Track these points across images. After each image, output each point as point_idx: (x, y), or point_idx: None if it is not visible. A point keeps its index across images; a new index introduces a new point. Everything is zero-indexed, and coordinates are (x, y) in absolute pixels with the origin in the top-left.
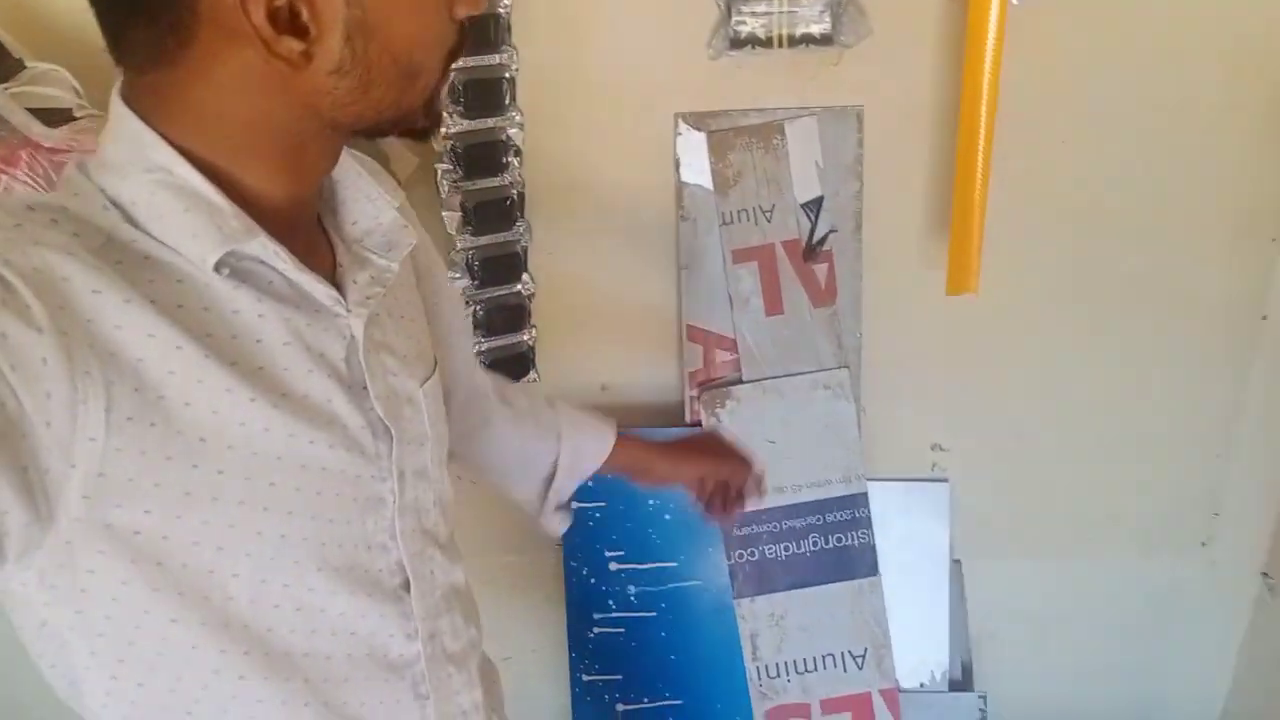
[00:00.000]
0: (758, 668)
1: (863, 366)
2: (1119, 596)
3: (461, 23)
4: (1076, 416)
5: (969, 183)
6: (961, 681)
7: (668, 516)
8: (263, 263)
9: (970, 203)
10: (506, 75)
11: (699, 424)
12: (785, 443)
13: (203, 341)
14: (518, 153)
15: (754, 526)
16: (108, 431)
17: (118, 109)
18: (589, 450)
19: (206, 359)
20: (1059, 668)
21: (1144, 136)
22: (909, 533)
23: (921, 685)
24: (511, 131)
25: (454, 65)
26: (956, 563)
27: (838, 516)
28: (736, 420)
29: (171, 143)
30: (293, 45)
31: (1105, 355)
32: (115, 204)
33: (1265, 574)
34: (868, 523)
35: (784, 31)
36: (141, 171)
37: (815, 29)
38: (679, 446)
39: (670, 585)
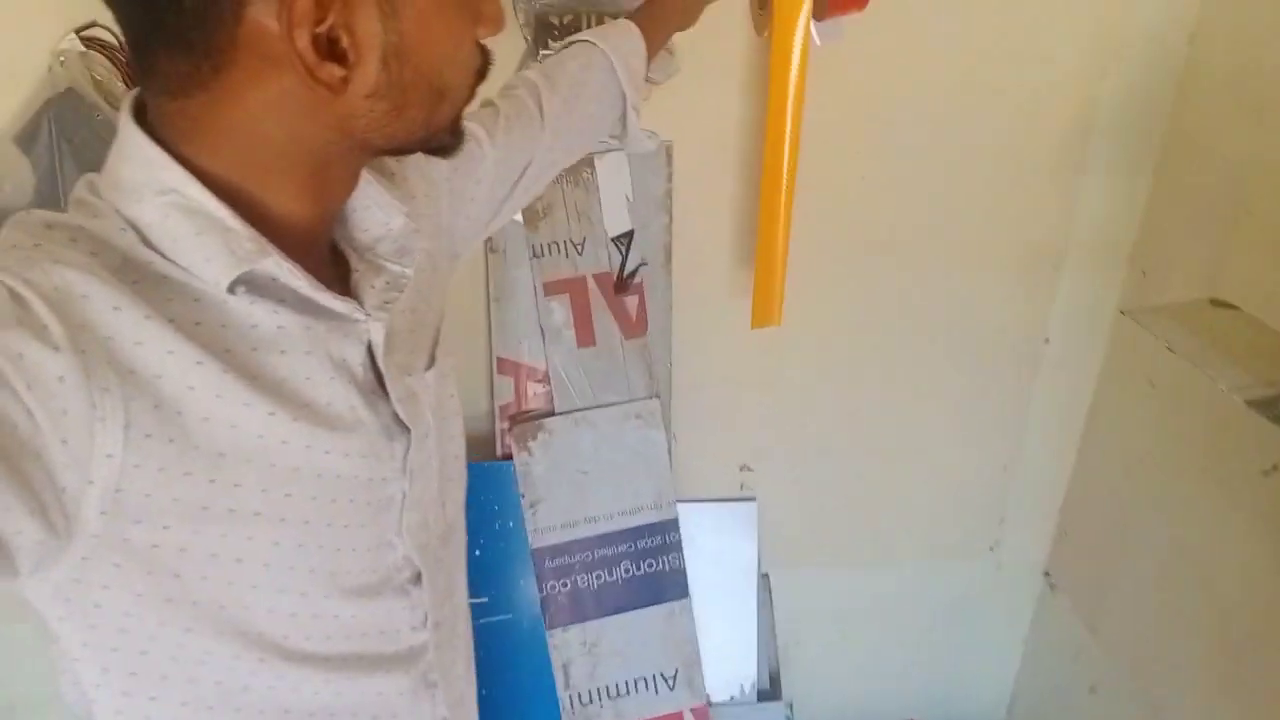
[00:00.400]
0: (570, 696)
1: (673, 394)
2: (915, 599)
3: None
4: (873, 434)
5: (772, 221)
6: (770, 691)
7: (477, 552)
8: (277, 280)
9: (773, 239)
10: None
11: (509, 458)
12: (597, 472)
13: (222, 357)
14: None
15: (566, 557)
16: (125, 448)
17: (127, 128)
18: (631, 50)
19: (225, 374)
20: (861, 670)
21: (938, 173)
22: (719, 550)
23: (731, 698)
24: None
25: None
26: (765, 576)
27: (649, 543)
28: (549, 453)
29: (190, 164)
30: (334, 71)
31: (901, 378)
32: (132, 226)
33: (1046, 573)
34: (678, 546)
35: None
36: (154, 194)
37: None
38: None
39: (481, 620)
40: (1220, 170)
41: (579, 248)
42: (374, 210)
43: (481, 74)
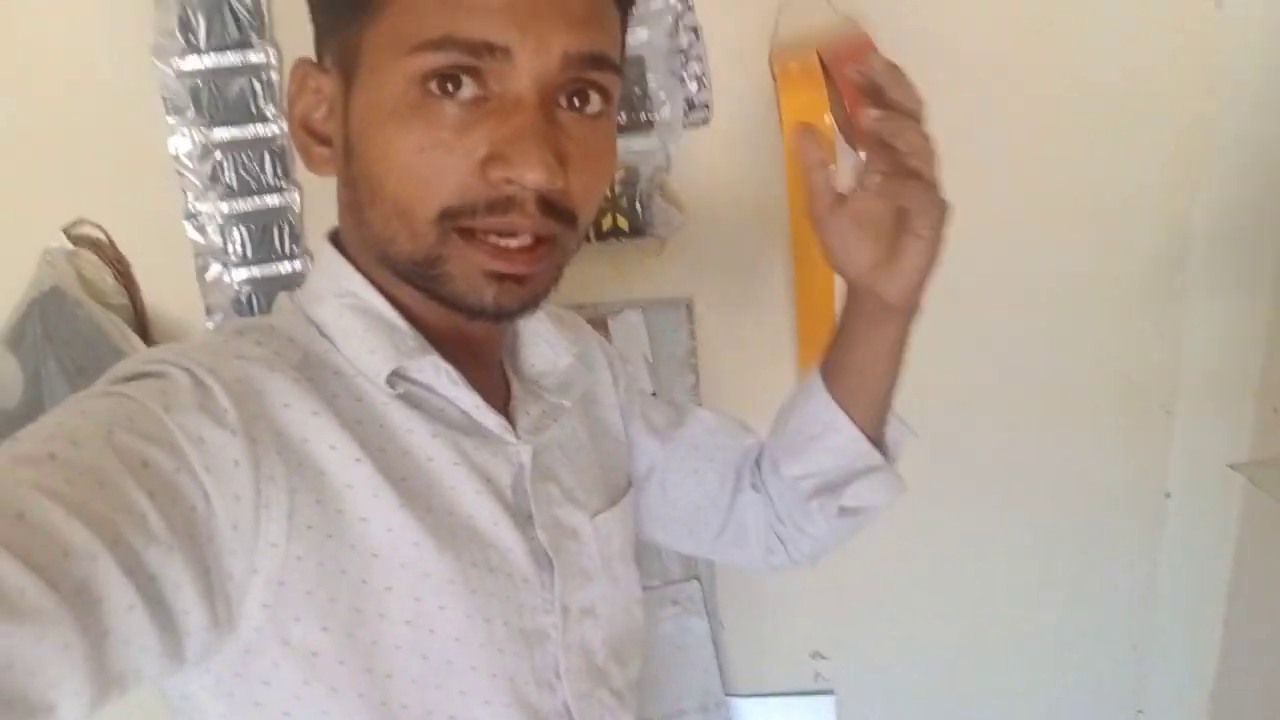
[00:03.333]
0: None
1: (717, 574)
2: None
3: (506, 187)
4: (974, 614)
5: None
6: None
7: None
8: (436, 392)
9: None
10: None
11: None
12: None
13: (378, 457)
14: None
15: None
16: (289, 538)
17: (323, 243)
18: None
19: (379, 474)
20: None
21: (1021, 316)
22: None
23: None
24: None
25: (478, 228)
26: None
27: None
28: None
29: (366, 274)
30: (313, 146)
31: (1001, 546)
32: (313, 323)
33: None
34: None
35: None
36: (334, 296)
37: (623, 222)
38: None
39: None
40: None
41: None
42: (543, 346)
43: (474, 216)
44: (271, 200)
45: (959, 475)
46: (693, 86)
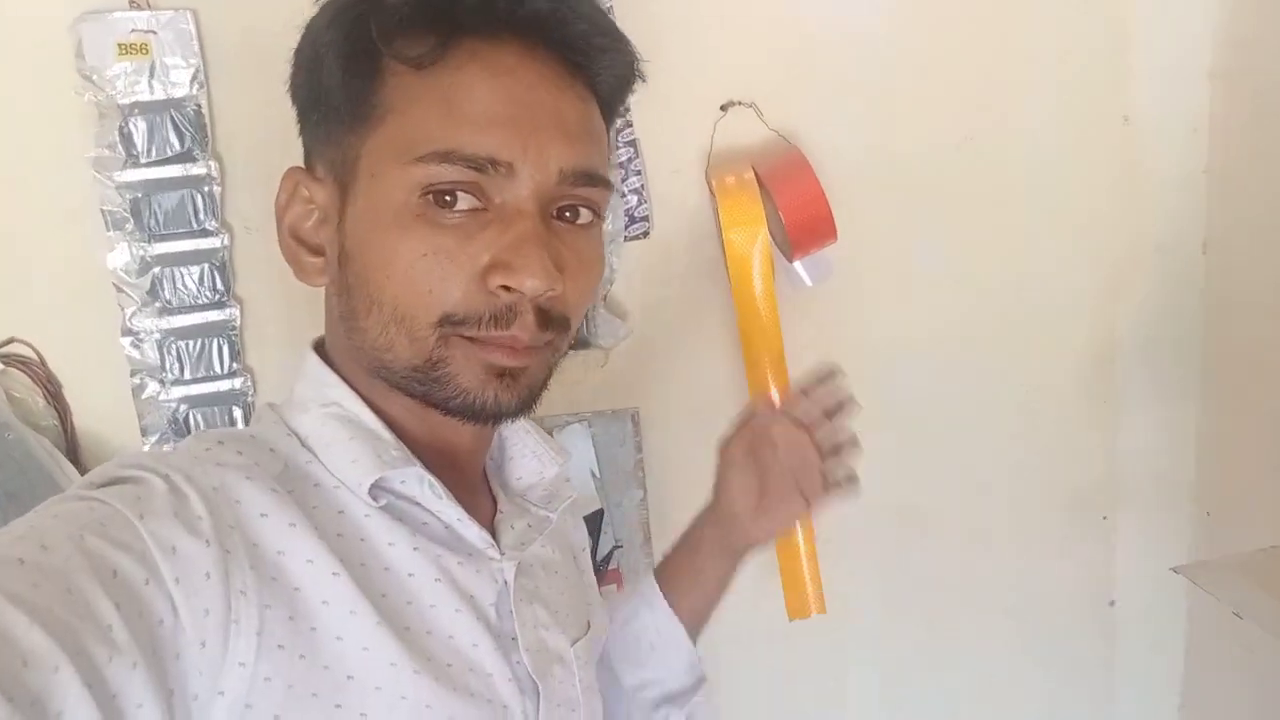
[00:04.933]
0: None
1: None
2: None
3: (506, 296)
4: None
5: None
6: None
7: None
8: (419, 504)
9: None
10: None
11: None
12: None
13: (356, 571)
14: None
15: None
16: (258, 658)
17: (307, 353)
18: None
19: (358, 589)
20: None
21: (958, 430)
22: None
23: None
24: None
25: (475, 336)
26: None
27: None
28: None
29: (351, 384)
30: (305, 256)
31: (955, 661)
32: (295, 433)
33: None
34: None
35: None
36: (318, 406)
37: None
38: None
39: None
40: (1274, 387)
41: None
42: (530, 460)
43: (476, 324)
44: (212, 315)
45: (911, 592)
46: (633, 199)
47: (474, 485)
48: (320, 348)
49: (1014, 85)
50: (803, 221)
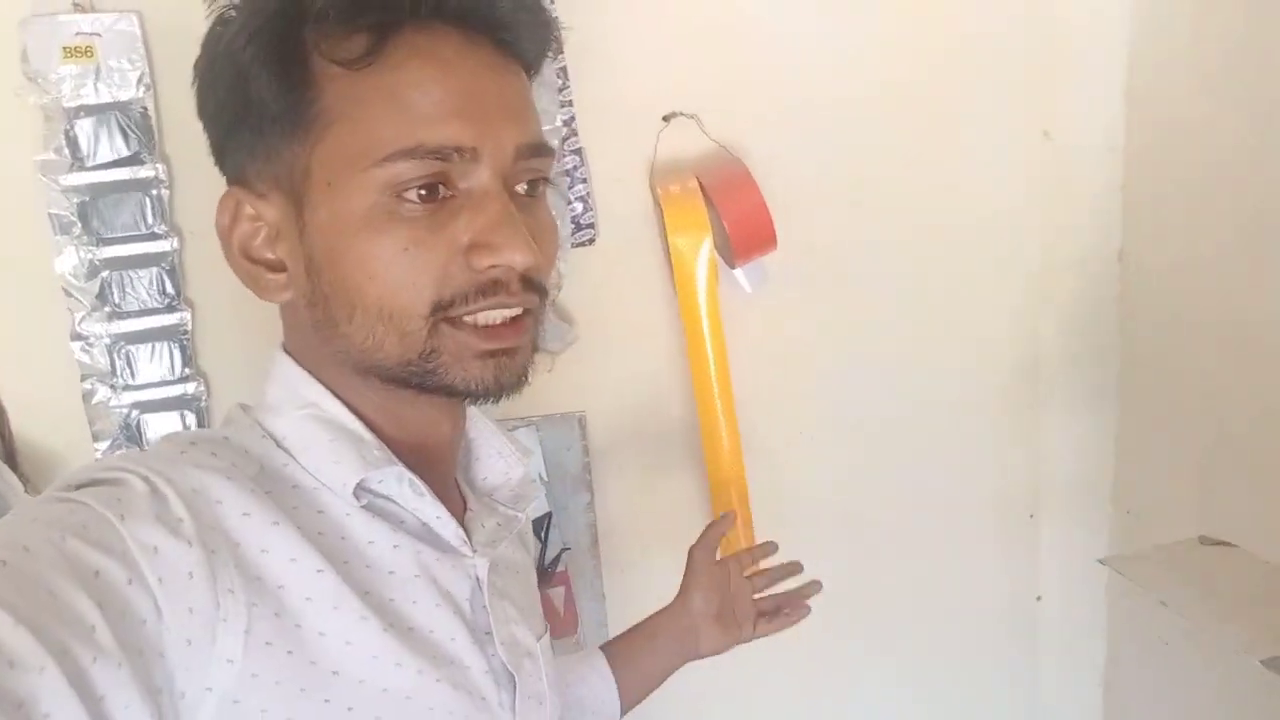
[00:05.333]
0: None
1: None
2: None
3: (491, 272)
4: None
5: (716, 457)
6: None
7: None
8: (396, 503)
9: (725, 489)
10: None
11: None
12: None
13: (340, 568)
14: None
15: None
16: (245, 654)
17: (277, 355)
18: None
19: (342, 586)
20: None
21: (890, 435)
22: None
23: None
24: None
25: (467, 315)
26: None
27: None
28: None
29: (326, 385)
30: (265, 276)
31: (887, 659)
32: (270, 435)
33: None
34: None
35: None
36: (294, 408)
37: None
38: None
39: None
40: (1186, 392)
41: None
42: (496, 459)
43: (465, 303)
44: (163, 320)
45: (846, 589)
46: (578, 207)
47: (447, 484)
48: (289, 351)
49: (942, 100)
50: (746, 231)
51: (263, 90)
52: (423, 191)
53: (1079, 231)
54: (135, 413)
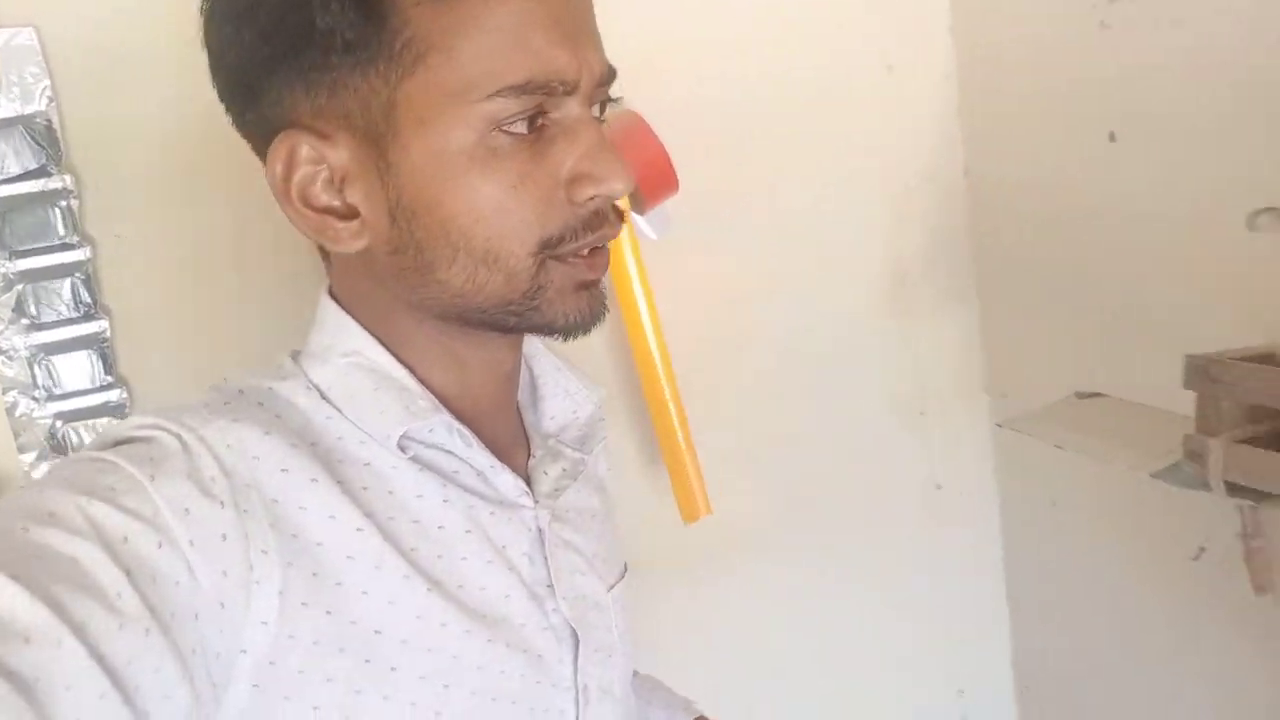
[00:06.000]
0: None
1: None
2: None
3: (592, 204)
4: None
5: (664, 417)
6: None
7: None
8: (449, 452)
9: (671, 435)
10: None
11: None
12: None
13: (385, 525)
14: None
15: None
16: (281, 616)
17: (322, 300)
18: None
19: (386, 543)
20: None
21: (790, 353)
22: None
23: None
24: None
25: (580, 253)
26: None
27: None
28: None
29: (367, 329)
30: (335, 225)
31: (805, 552)
32: (316, 386)
33: None
34: None
35: None
36: (339, 356)
37: None
38: None
39: None
40: (1036, 283)
41: None
42: (562, 398)
43: (561, 239)
44: (81, 329)
45: (768, 491)
46: None
47: (510, 429)
48: (334, 297)
49: (796, 42)
50: (650, 177)
51: (334, 18)
52: (522, 126)
53: (927, 153)
54: (59, 424)
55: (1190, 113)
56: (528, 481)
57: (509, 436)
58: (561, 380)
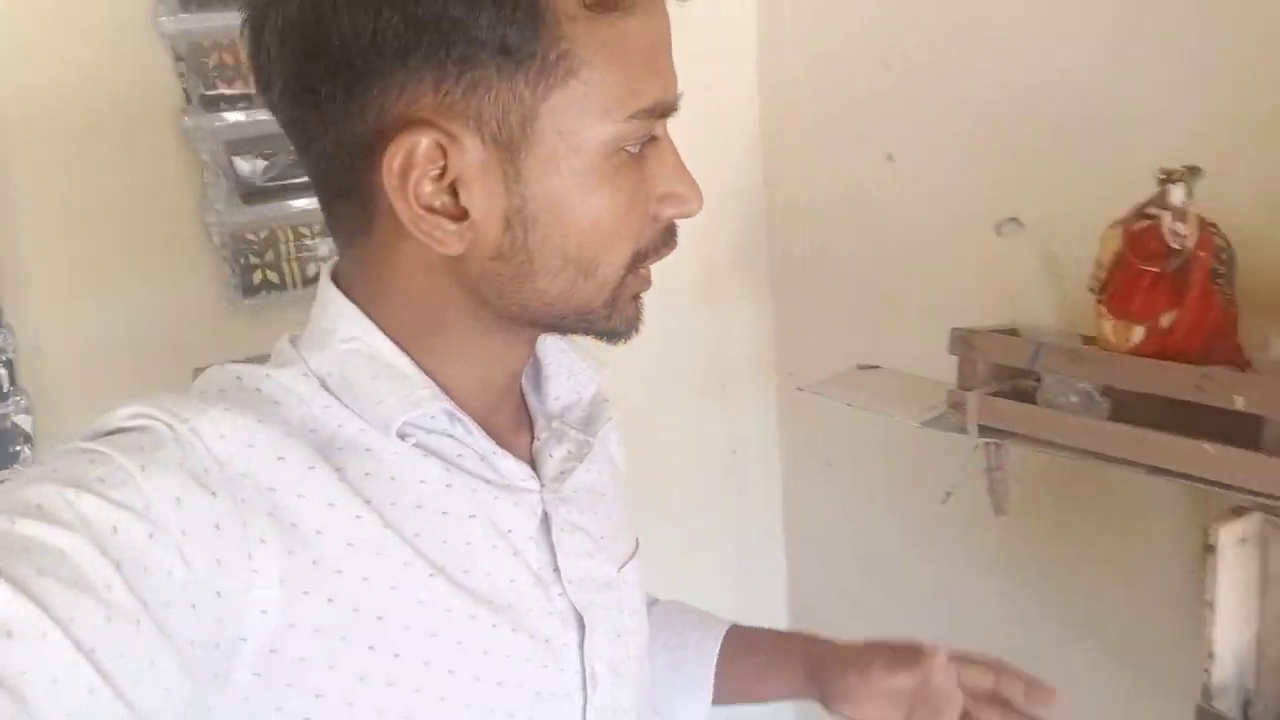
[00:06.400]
0: None
1: None
2: None
3: (670, 220)
4: None
5: None
6: None
7: None
8: (451, 436)
9: None
10: (3, 358)
11: None
12: None
13: (385, 511)
14: (28, 439)
15: None
16: (281, 605)
17: (324, 284)
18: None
19: (387, 530)
20: None
21: None
22: None
23: None
24: (18, 418)
25: (646, 265)
26: None
27: None
28: None
29: (373, 318)
30: (445, 226)
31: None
32: (315, 373)
33: None
34: None
35: (297, 273)
36: (338, 342)
37: (272, 276)
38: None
39: None
40: (822, 280)
41: None
42: (565, 378)
43: (646, 254)
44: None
45: None
46: None
47: (511, 413)
48: (338, 274)
49: None
50: None
51: (501, 19)
52: (638, 144)
53: (735, 165)
54: None
55: (952, 141)
56: (533, 464)
57: (512, 419)
58: (565, 360)
